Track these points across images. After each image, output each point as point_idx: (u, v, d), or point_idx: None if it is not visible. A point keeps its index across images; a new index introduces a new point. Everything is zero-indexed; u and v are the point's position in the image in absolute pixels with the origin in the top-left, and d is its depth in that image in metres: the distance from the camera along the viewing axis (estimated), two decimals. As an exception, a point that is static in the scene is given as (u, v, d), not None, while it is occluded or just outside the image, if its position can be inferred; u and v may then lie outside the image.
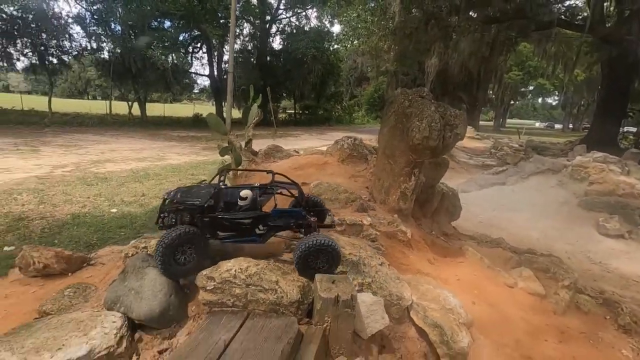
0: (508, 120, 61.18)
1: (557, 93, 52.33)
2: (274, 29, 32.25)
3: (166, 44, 23.65)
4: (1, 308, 2.82)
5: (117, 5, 20.86)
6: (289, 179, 2.36)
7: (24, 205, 5.79)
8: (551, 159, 11.32)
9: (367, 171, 3.83)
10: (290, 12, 32.52)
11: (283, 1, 31.42)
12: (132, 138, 16.45)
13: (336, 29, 34.77)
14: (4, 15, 19.37)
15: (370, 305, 1.82)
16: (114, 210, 5.88)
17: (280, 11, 31.93)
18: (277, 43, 34.27)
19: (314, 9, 31.07)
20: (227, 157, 4.91)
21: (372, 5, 19.20)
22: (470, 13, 19.26)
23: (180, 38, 25.77)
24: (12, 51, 21.08)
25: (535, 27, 17.59)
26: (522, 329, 2.40)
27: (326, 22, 31.79)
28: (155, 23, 23.63)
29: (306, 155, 4.56)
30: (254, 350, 1.37)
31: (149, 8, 20.42)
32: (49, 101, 21.98)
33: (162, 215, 1.98)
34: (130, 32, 21.99)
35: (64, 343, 1.27)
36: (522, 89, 49.28)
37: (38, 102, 24.70)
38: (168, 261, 1.74)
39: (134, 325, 1.53)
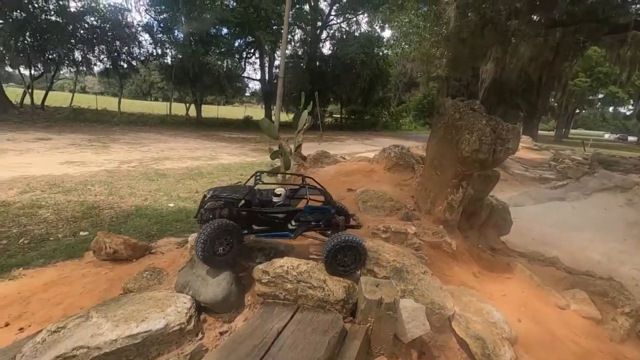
0: (572, 131, 56.44)
1: (631, 102, 47.43)
2: (324, 35, 32.83)
3: (222, 50, 25.05)
4: (80, 285, 3.22)
5: (180, 14, 22.50)
6: (317, 183, 2.45)
7: (96, 196, 6.44)
8: (620, 175, 10.33)
9: (413, 180, 3.85)
10: (341, 18, 32.91)
11: (335, 7, 31.88)
12: (188, 138, 17.54)
13: (386, 34, 34.62)
14: (86, 25, 21.70)
15: (411, 311, 1.88)
16: (171, 204, 6.37)
17: (331, 17, 32.44)
18: (326, 48, 34.86)
19: (365, 15, 31.17)
20: (277, 160, 5.17)
21: (425, 10, 18.83)
22: (532, 16, 18.21)
23: (236, 44, 27.12)
24: (90, 57, 23.57)
25: (608, 31, 16.13)
26: (572, 351, 2.31)
27: (377, 28, 31.70)
28: (214, 30, 25.10)
29: (353, 161, 4.67)
30: (303, 339, 1.52)
31: (208, 17, 21.76)
32: (119, 102, 24.24)
33: (202, 210, 2.15)
34: (191, 39, 23.58)
35: (147, 316, 1.52)
36: (590, 97, 45.27)
37: (109, 103, 27.28)
38: (208, 250, 1.86)
39: (199, 308, 1.76)
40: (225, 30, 25.86)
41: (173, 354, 1.50)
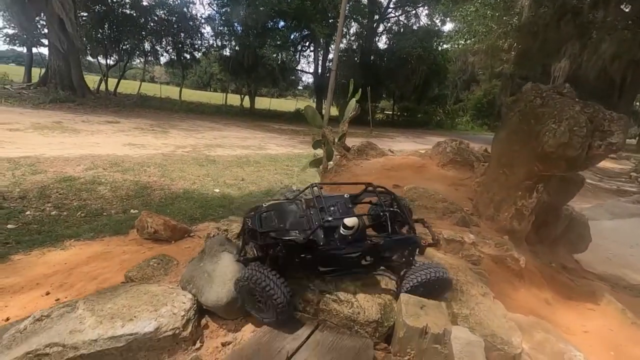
0: (659, 139, 49.37)
1: None
2: (380, 28, 31.90)
3: (278, 42, 25.36)
4: (118, 261, 3.24)
5: (241, 7, 23.09)
6: (397, 201, 1.87)
7: (150, 177, 6.71)
8: None
9: (471, 180, 3.32)
10: (400, 11, 31.70)
11: (393, 0, 30.78)
12: (240, 127, 18.01)
13: (447, 27, 32.66)
14: (155, 18, 23.14)
15: (465, 344, 1.45)
16: (217, 190, 6.43)
17: (389, 10, 31.38)
18: (382, 42, 33.83)
19: (425, 7, 29.70)
20: (319, 150, 4.88)
21: (494, -1, 17.34)
22: (622, 7, 15.96)
23: (291, 37, 27.30)
24: (158, 48, 25.14)
25: None
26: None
27: (437, 21, 30.09)
28: (271, 23, 25.47)
29: (402, 155, 4.22)
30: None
31: (262, 8, 22.07)
32: (180, 91, 25.63)
33: (246, 241, 1.66)
34: (249, 31, 24.14)
35: (136, 315, 1.28)
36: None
37: (173, 92, 28.93)
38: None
39: (202, 310, 1.48)
40: (282, 23, 26.17)
41: (163, 364, 1.25)
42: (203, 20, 25.33)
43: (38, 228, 4.03)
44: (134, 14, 22.36)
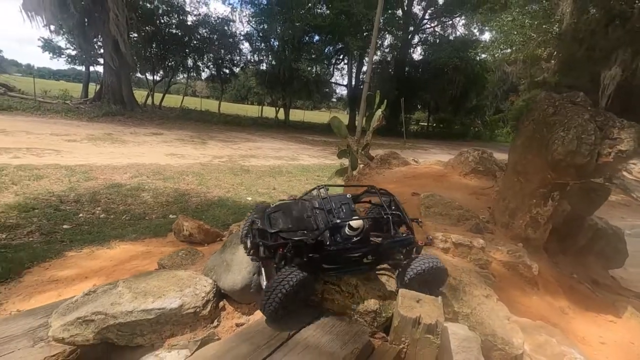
0: None
1: None
2: (415, 40, 31.76)
3: (313, 56, 26.04)
4: (156, 260, 3.53)
5: (277, 23, 24.07)
6: (396, 203, 1.98)
7: (188, 185, 7.16)
8: None
9: (492, 190, 3.31)
10: (436, 22, 31.46)
11: (429, 11, 30.63)
12: (274, 139, 18.56)
13: (485, 36, 31.88)
14: (198, 36, 24.69)
15: (462, 340, 1.53)
16: (250, 198, 6.74)
17: (424, 21, 31.23)
18: (417, 54, 33.62)
19: (462, 17, 29.25)
20: (344, 159, 5.04)
21: (534, 7, 16.75)
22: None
23: (325, 51, 27.92)
24: (200, 64, 26.72)
25: None
26: None
27: (475, 30, 29.47)
28: (306, 38, 26.26)
29: (424, 165, 4.26)
30: (316, 348, 1.32)
31: (297, 24, 22.82)
32: (219, 104, 26.94)
33: (253, 241, 1.68)
34: (285, 46, 25.04)
35: (164, 293, 1.50)
36: None
37: (212, 105, 30.42)
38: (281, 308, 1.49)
39: (221, 294, 1.69)
40: (316, 38, 26.89)
41: (185, 337, 1.45)
42: (242, 37, 26.61)
43: (89, 229, 4.44)
44: (179, 33, 24.00)
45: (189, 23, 24.41)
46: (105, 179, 6.76)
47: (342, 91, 37.16)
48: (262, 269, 1.69)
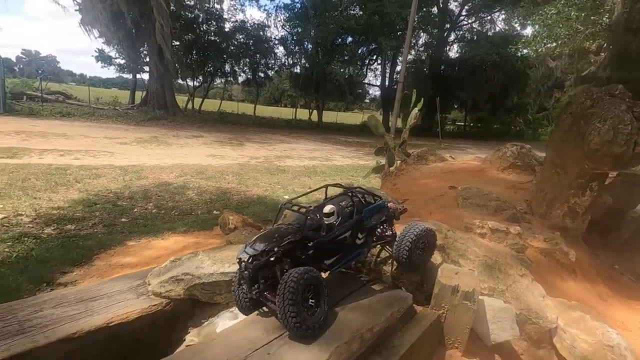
0: None
1: None
2: (451, 37, 31.02)
3: (345, 58, 26.21)
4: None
5: (311, 27, 24.52)
6: (341, 186, 2.03)
7: (228, 184, 7.57)
8: None
9: (531, 183, 3.36)
10: (473, 18, 30.53)
11: (466, 7, 29.80)
12: (308, 140, 18.90)
13: (527, 31, 30.46)
14: (235, 42, 25.70)
15: (497, 311, 1.69)
16: (286, 197, 7.03)
17: (461, 18, 30.42)
18: (453, 52, 32.77)
19: (502, 12, 28.14)
20: (381, 157, 5.22)
21: (580, -2, 15.88)
22: None
23: (359, 52, 27.99)
24: (236, 69, 27.77)
25: None
26: None
27: (515, 25, 28.21)
28: (339, 40, 26.50)
29: (462, 160, 4.34)
30: (367, 305, 1.54)
31: (331, 26, 23.07)
32: (254, 107, 27.84)
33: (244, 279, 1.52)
34: (318, 49, 25.43)
35: (236, 261, 1.79)
36: None
37: (247, 108, 31.51)
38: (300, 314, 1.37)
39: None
40: (349, 39, 27.03)
41: (253, 297, 1.73)
42: (276, 41, 27.32)
43: (143, 222, 4.86)
44: (217, 40, 25.11)
45: (226, 30, 25.49)
46: (154, 178, 7.28)
47: (376, 92, 36.99)
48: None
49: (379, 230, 1.92)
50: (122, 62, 26.32)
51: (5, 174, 6.17)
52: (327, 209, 1.71)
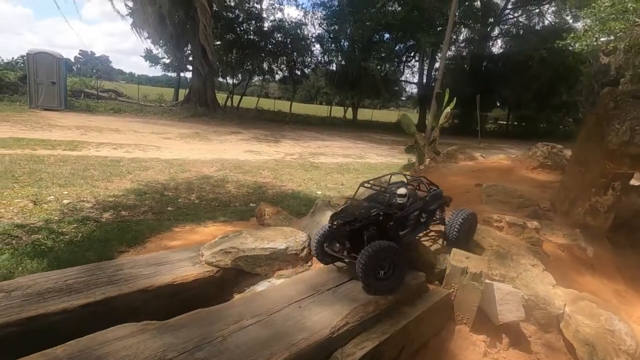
0: None
1: None
2: (495, 32, 29.77)
3: (382, 54, 26.01)
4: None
5: (348, 24, 24.60)
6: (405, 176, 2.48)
7: (264, 178, 7.95)
8: None
9: (559, 183, 3.39)
10: (520, 11, 29.07)
11: (512, 0, 28.44)
12: (342, 137, 19.08)
13: (580, 24, 28.48)
14: (273, 41, 26.37)
15: (505, 294, 1.86)
16: (319, 192, 7.30)
17: (506, 11, 29.07)
18: (496, 47, 31.41)
19: (552, 4, 26.56)
20: (411, 154, 5.36)
21: (638, -12, 14.76)
22: None
23: (396, 48, 27.67)
24: (274, 67, 28.49)
25: None
26: None
27: (567, 17, 26.43)
28: (377, 37, 26.35)
29: (492, 159, 4.40)
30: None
31: (368, 23, 22.97)
32: (290, 105, 28.41)
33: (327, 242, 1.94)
34: (355, 46, 25.46)
35: (275, 239, 2.12)
36: None
37: (284, 105, 32.18)
38: (369, 275, 1.69)
39: (312, 245, 2.25)
40: (387, 36, 26.81)
41: (289, 271, 2.04)
42: (313, 39, 27.66)
43: (187, 211, 5.22)
44: (256, 39, 25.88)
45: (265, 29, 26.20)
46: (196, 171, 7.76)
47: (413, 89, 36.31)
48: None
49: (436, 212, 2.28)
50: (168, 61, 27.94)
51: (68, 164, 6.88)
52: (402, 191, 2.09)
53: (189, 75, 25.90)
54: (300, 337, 1.32)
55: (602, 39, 17.85)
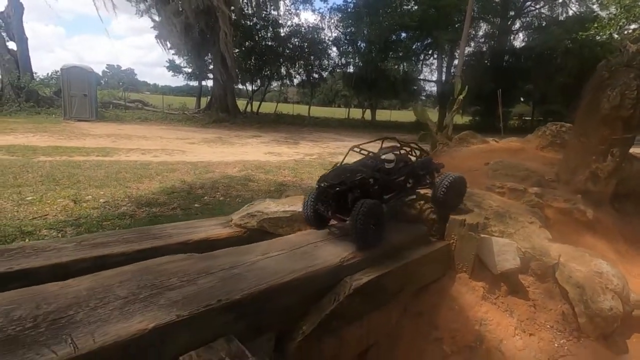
0: None
1: None
2: (516, 25, 29.08)
3: (400, 54, 25.95)
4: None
5: (364, 25, 24.73)
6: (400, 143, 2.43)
7: (285, 177, 8.24)
8: None
9: (568, 158, 3.50)
10: (542, 2, 28.24)
11: (533, -10, 27.73)
12: (361, 138, 18.99)
13: (605, 13, 27.41)
14: (290, 46, 26.90)
15: (502, 245, 2.06)
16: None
17: (528, 3, 28.35)
18: (518, 41, 30.65)
19: (578, -8, 25.59)
20: (425, 142, 5.53)
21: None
22: None
23: (413, 47, 27.53)
24: (292, 72, 29.01)
25: None
26: None
27: (593, 6, 25.41)
28: (393, 36, 26.31)
29: (503, 142, 4.54)
30: (394, 230, 2.07)
31: (385, 24, 23.02)
32: (309, 108, 28.82)
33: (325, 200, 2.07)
34: (372, 47, 25.55)
35: (294, 204, 2.47)
36: None
37: (302, 109, 32.65)
38: (365, 232, 1.81)
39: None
40: (403, 35, 26.71)
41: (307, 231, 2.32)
42: (330, 42, 27.96)
43: (213, 207, 5.49)
44: (273, 45, 26.46)
45: (282, 35, 26.74)
46: (220, 172, 8.11)
47: (432, 87, 35.92)
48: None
49: (425, 178, 2.37)
50: (189, 70, 29.01)
51: (102, 168, 7.40)
52: (389, 156, 2.18)
53: (210, 83, 26.83)
54: (316, 263, 1.64)
55: (631, 27, 17.22)
